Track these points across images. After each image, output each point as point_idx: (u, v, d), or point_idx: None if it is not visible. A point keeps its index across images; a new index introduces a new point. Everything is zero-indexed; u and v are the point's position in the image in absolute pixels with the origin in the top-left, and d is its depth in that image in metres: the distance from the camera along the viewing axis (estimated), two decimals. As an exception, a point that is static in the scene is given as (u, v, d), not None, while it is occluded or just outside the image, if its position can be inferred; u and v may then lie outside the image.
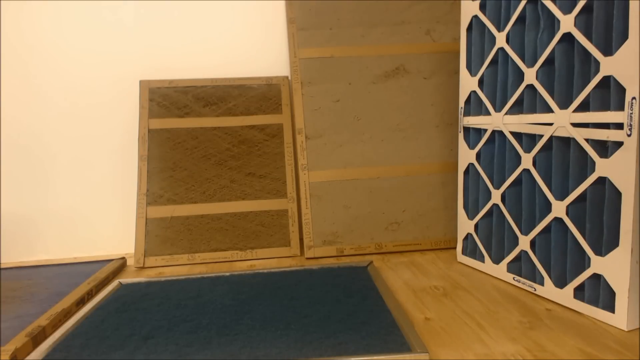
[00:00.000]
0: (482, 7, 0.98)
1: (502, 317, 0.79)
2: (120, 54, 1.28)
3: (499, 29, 0.94)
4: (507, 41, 0.92)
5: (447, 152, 1.21)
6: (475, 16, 1.00)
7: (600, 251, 0.76)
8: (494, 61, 0.96)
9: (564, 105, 0.81)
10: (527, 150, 0.88)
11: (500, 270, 0.96)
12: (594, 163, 0.75)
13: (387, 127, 1.21)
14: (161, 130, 1.23)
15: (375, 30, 1.24)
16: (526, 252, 0.90)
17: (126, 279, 1.02)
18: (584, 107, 0.77)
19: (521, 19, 0.89)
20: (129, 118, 1.29)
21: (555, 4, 0.81)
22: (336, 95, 1.22)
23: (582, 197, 0.79)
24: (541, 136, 0.85)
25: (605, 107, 0.74)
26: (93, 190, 1.30)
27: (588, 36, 0.76)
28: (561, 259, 0.83)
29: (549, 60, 0.83)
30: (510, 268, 0.94)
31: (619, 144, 0.71)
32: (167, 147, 1.22)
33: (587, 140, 0.76)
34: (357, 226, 1.17)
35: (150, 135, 1.22)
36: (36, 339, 0.76)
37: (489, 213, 1.00)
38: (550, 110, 0.83)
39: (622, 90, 0.70)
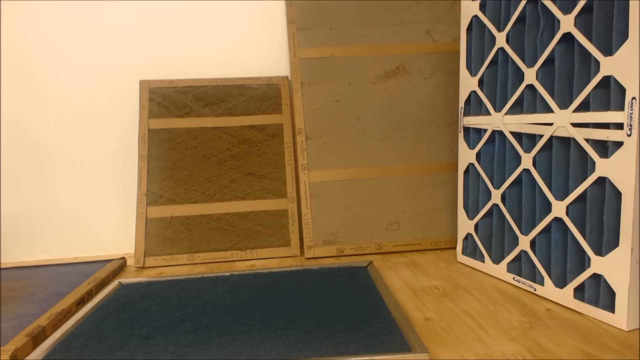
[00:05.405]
0: (482, 7, 0.98)
1: (502, 317, 0.79)
2: (120, 54, 1.28)
3: (499, 29, 0.94)
4: (507, 41, 0.92)
5: (447, 152, 1.21)
6: (475, 16, 1.00)
7: (600, 251, 0.76)
8: (494, 61, 0.96)
9: (564, 105, 0.81)
10: (527, 150, 0.88)
11: (500, 270, 0.96)
12: (594, 163, 0.75)
13: (387, 127, 1.21)
14: (161, 130, 1.23)
15: (375, 30, 1.24)
16: (526, 252, 0.90)
17: (126, 279, 1.02)
18: (584, 107, 0.77)
19: (521, 19, 0.89)
20: (129, 118, 1.29)
21: (555, 4, 0.81)
22: (336, 95, 1.22)
23: (582, 197, 0.79)
24: (541, 136, 0.85)
25: (605, 107, 0.74)
26: (93, 191, 1.30)
27: (588, 36, 0.76)
28: (561, 258, 0.83)
29: (549, 60, 0.83)
30: (510, 268, 0.94)
31: (619, 144, 0.71)
32: (167, 147, 1.22)
33: (587, 140, 0.76)
34: (357, 226, 1.17)
35: (150, 135, 1.22)
36: (36, 339, 0.76)
37: (489, 213, 1.00)
38: (550, 110, 0.83)
39: (622, 90, 0.70)
